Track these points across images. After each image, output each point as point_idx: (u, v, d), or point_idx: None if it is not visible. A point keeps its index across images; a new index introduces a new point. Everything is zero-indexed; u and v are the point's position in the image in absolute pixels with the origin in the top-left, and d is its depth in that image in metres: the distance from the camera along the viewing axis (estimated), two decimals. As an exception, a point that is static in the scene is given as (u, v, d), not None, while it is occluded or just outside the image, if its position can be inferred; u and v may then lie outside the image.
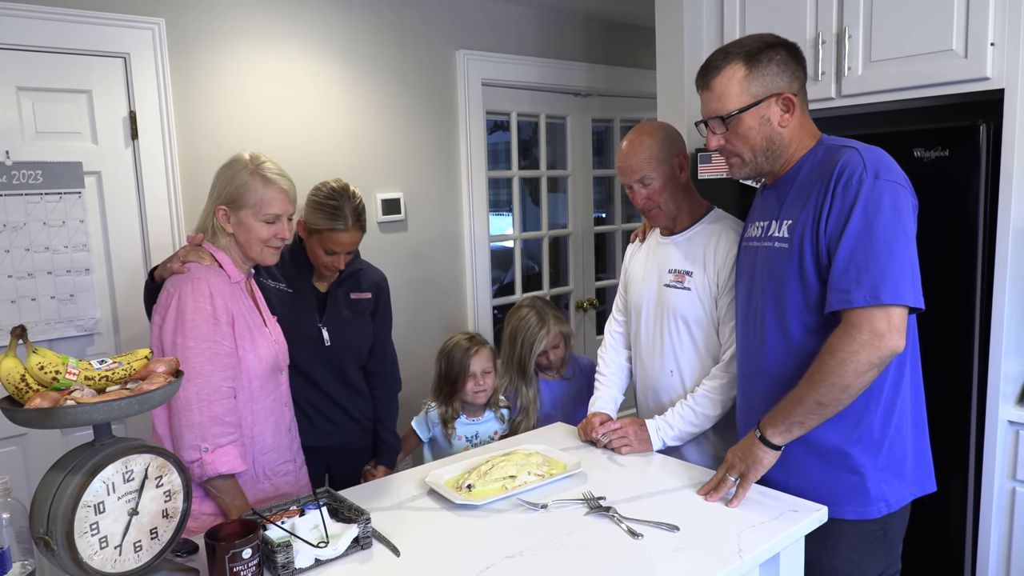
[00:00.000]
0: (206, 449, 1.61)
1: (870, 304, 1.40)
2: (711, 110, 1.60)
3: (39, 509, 1.19)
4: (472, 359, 2.43)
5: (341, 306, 2.25)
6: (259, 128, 2.82)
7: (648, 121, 2.01)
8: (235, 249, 1.77)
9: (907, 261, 1.42)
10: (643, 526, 1.50)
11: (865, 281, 1.41)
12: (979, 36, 1.98)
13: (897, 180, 1.46)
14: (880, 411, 1.55)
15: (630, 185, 1.91)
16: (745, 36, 1.63)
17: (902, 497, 1.59)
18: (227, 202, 1.73)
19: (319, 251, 2.15)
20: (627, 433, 1.90)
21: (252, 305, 1.80)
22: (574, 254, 4.14)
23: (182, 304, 1.64)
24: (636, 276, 2.10)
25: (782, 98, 1.56)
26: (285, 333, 2.11)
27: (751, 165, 1.62)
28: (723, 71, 1.57)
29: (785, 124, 1.57)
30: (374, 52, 3.13)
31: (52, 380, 1.21)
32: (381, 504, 1.66)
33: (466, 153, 3.46)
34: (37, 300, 2.39)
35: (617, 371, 2.17)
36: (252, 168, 1.74)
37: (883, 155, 1.50)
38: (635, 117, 4.31)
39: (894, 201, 1.43)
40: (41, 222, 2.38)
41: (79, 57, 2.43)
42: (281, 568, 1.35)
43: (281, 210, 1.75)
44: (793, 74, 1.57)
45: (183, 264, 1.70)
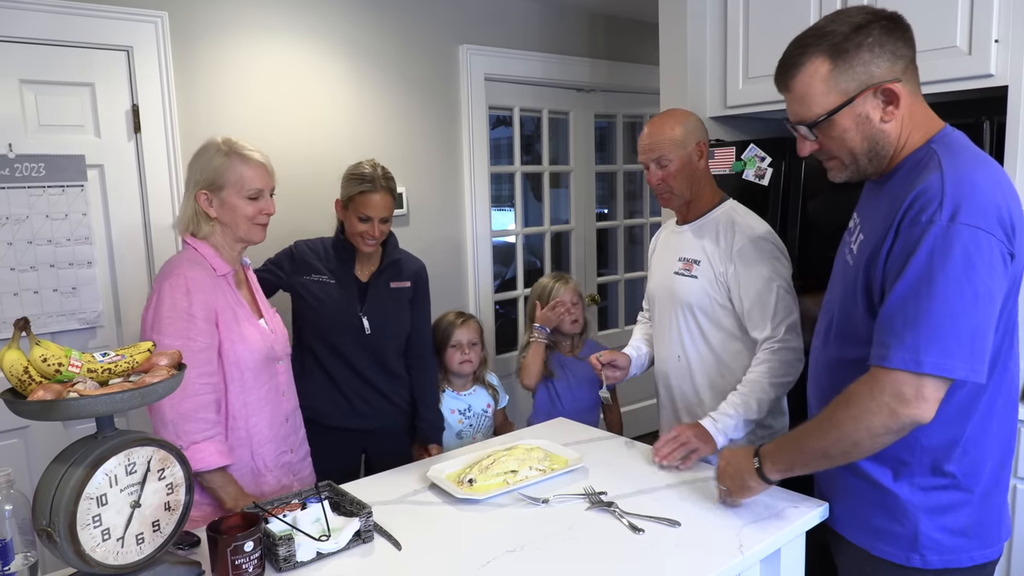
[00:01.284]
0: (181, 447, 1.56)
1: (909, 369, 1.19)
2: (795, 115, 1.36)
3: (42, 501, 1.19)
4: (458, 329, 2.53)
5: (382, 295, 2.37)
6: (262, 122, 2.82)
7: (672, 109, 2.04)
8: (220, 234, 1.77)
9: (966, 325, 1.17)
10: (644, 521, 1.50)
11: (909, 341, 1.19)
12: (983, 33, 1.98)
13: (981, 224, 1.17)
14: (956, 449, 1.32)
15: (647, 164, 1.94)
16: (830, 16, 1.34)
17: (958, 558, 1.35)
18: (207, 186, 1.73)
19: (354, 220, 2.27)
20: (688, 438, 1.78)
21: (240, 298, 1.80)
22: (576, 250, 4.14)
23: (159, 300, 1.67)
24: (653, 266, 2.17)
25: (881, 89, 1.28)
26: (326, 321, 2.31)
27: (851, 168, 1.37)
28: (803, 68, 1.31)
29: (889, 118, 1.30)
30: (377, 46, 3.12)
31: (55, 372, 1.21)
32: (383, 498, 1.66)
33: (468, 148, 3.46)
34: (40, 293, 2.40)
35: (641, 339, 2.24)
36: (226, 149, 1.75)
37: (974, 184, 1.20)
38: (638, 113, 4.30)
39: (969, 251, 1.16)
40: (44, 215, 2.38)
41: (82, 50, 2.42)
42: (283, 561, 1.35)
43: (263, 184, 1.77)
44: (893, 54, 1.27)
45: None
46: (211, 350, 1.70)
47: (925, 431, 1.30)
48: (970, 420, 1.31)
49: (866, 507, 1.41)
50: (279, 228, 2.87)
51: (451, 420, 2.51)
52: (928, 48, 2.08)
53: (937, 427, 1.28)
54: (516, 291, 3.89)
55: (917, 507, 1.35)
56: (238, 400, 1.75)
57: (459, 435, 2.50)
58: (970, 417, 1.31)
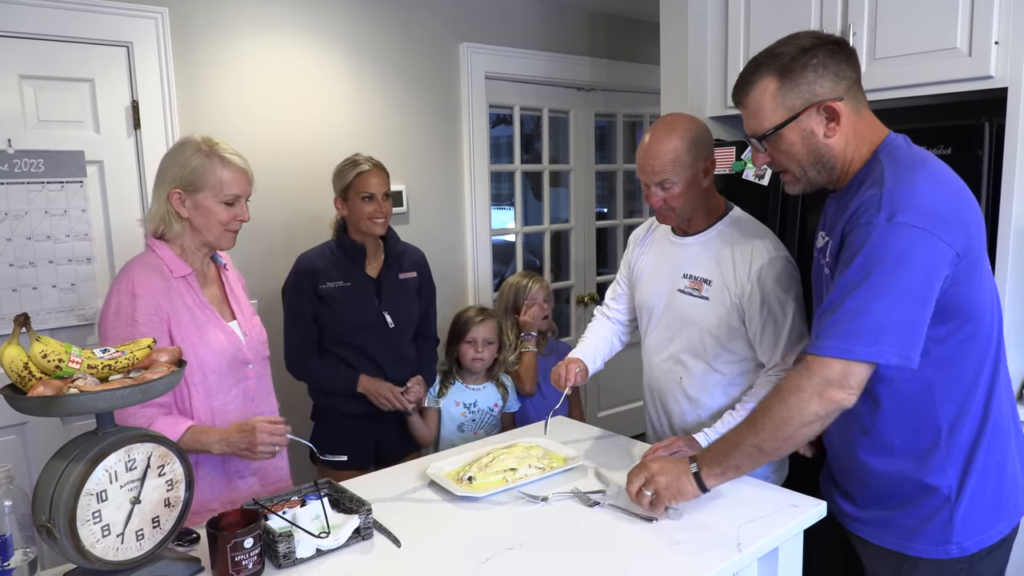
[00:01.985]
0: None
1: (842, 357, 1.28)
2: (749, 129, 1.48)
3: (42, 497, 1.19)
4: (476, 326, 2.53)
5: (395, 288, 2.43)
6: (262, 119, 2.82)
7: (676, 114, 1.84)
8: (188, 236, 1.71)
9: (898, 317, 1.26)
10: (641, 519, 1.51)
11: (842, 330, 1.28)
12: (983, 34, 1.98)
13: (916, 222, 1.26)
14: (967, 433, 1.39)
15: (647, 184, 1.80)
16: (782, 39, 1.44)
17: (988, 535, 1.41)
18: (182, 185, 1.66)
19: (358, 203, 2.33)
20: (679, 447, 1.77)
21: (203, 299, 1.71)
22: (575, 249, 4.14)
23: (106, 305, 1.63)
24: (645, 275, 2.00)
25: (824, 106, 1.38)
26: (350, 323, 2.35)
27: (803, 180, 1.47)
28: (755, 85, 1.42)
29: (832, 134, 1.40)
30: (378, 44, 3.12)
31: (55, 368, 1.21)
32: (382, 495, 1.66)
33: (469, 146, 3.46)
34: (39, 289, 2.39)
35: (602, 338, 2.11)
36: (207, 149, 1.68)
37: (913, 186, 1.29)
38: (638, 112, 4.30)
39: (902, 247, 1.25)
40: (43, 211, 2.37)
41: (82, 45, 2.42)
42: (283, 558, 1.35)
43: (241, 191, 1.71)
44: (836, 75, 1.38)
45: None
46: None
47: (948, 420, 1.37)
48: (979, 396, 1.40)
49: (895, 509, 1.45)
50: (278, 225, 2.88)
51: (454, 412, 2.52)
52: (928, 50, 2.09)
53: (959, 413, 1.38)
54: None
55: (950, 497, 1.39)
56: (203, 405, 1.67)
57: (460, 428, 2.51)
58: (979, 394, 1.39)
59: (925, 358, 1.30)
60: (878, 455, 1.45)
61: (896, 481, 1.44)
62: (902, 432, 1.42)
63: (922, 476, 1.41)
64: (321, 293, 2.36)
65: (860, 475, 1.50)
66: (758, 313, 1.78)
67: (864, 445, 1.47)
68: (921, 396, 1.39)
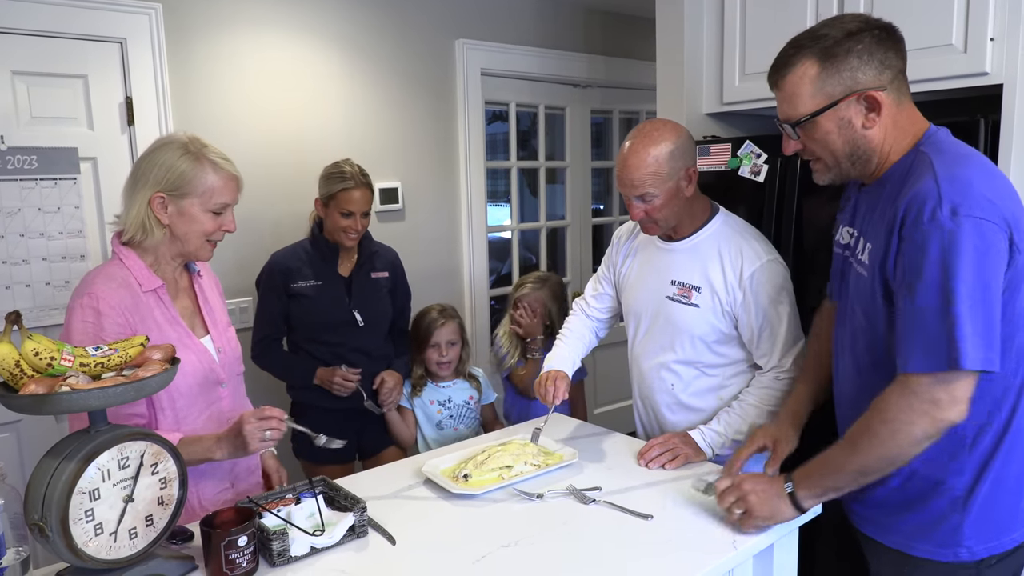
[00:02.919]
0: None
1: (941, 370, 1.21)
2: (782, 113, 1.40)
3: (34, 495, 1.18)
4: (438, 329, 2.51)
5: (366, 287, 2.47)
6: (255, 116, 2.81)
7: (656, 122, 1.78)
8: (166, 245, 1.56)
9: (986, 319, 1.19)
10: (637, 517, 1.50)
11: (936, 343, 1.20)
12: (979, 31, 1.98)
13: (981, 214, 1.19)
14: (988, 441, 1.34)
15: (628, 197, 1.76)
16: (826, 20, 1.37)
17: (1001, 542, 1.36)
18: (167, 189, 1.50)
19: (337, 217, 2.37)
20: (674, 444, 1.77)
21: (174, 315, 1.58)
22: (571, 245, 4.14)
23: (68, 322, 1.48)
24: (631, 281, 1.98)
25: (864, 96, 1.31)
26: (320, 321, 2.37)
27: (835, 171, 1.40)
28: (794, 68, 1.34)
29: (871, 125, 1.33)
30: (373, 40, 3.11)
31: (47, 366, 1.21)
32: (377, 493, 1.66)
33: (464, 143, 3.45)
34: (32, 286, 2.38)
35: (579, 337, 2.09)
36: (196, 152, 1.53)
37: (969, 179, 1.23)
38: (634, 109, 4.30)
39: (977, 243, 1.18)
40: (36, 208, 2.36)
41: (75, 42, 2.41)
42: (277, 556, 1.35)
43: (231, 199, 1.57)
44: (882, 63, 1.31)
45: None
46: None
47: (973, 429, 1.32)
48: (1007, 405, 1.34)
49: (904, 509, 1.40)
50: (268, 222, 2.87)
51: (431, 411, 2.52)
52: (924, 46, 2.08)
53: (984, 423, 1.32)
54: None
55: (960, 499, 1.34)
56: (171, 431, 1.52)
57: (439, 426, 2.51)
58: (1008, 403, 1.33)
59: None
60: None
61: (904, 478, 1.39)
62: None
63: (933, 475, 1.36)
64: (293, 291, 2.40)
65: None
66: (753, 319, 1.77)
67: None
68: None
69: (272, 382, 2.51)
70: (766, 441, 1.63)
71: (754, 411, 1.77)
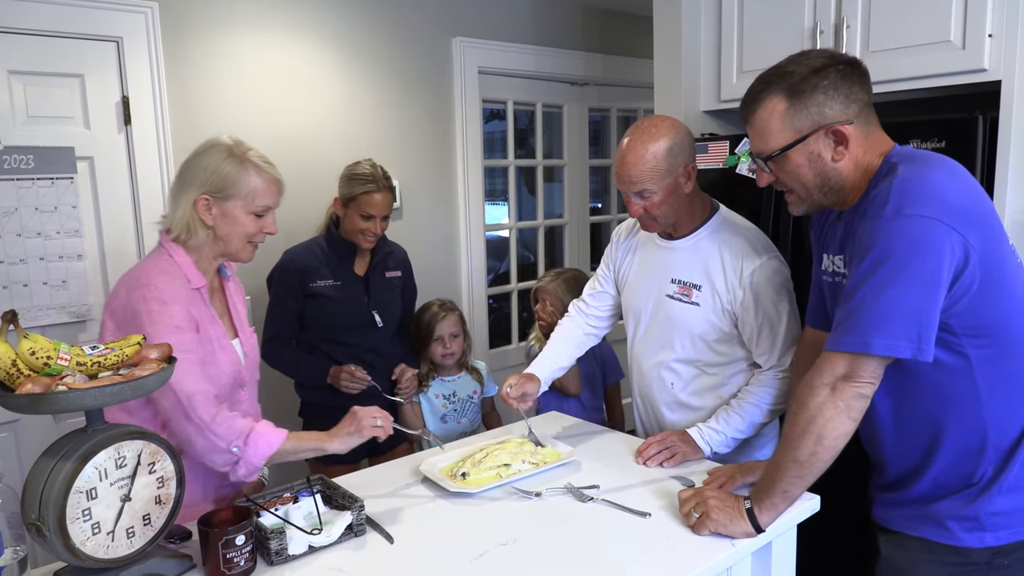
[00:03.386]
0: (237, 448, 1.49)
1: (858, 352, 1.27)
2: (754, 147, 1.45)
3: (31, 495, 1.18)
4: (440, 323, 2.53)
5: (382, 287, 2.46)
6: (253, 115, 2.80)
7: (655, 118, 1.76)
8: (208, 246, 1.60)
9: (909, 307, 1.24)
10: (635, 515, 1.50)
11: (855, 325, 1.27)
12: (977, 27, 1.98)
13: (925, 213, 1.23)
14: (1013, 431, 1.35)
15: (626, 193, 1.76)
16: (793, 57, 1.41)
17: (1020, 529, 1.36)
18: (211, 191, 1.56)
19: (356, 218, 2.34)
20: (672, 442, 1.77)
21: (213, 314, 1.62)
22: (570, 244, 4.14)
23: (138, 316, 1.47)
24: (630, 279, 1.97)
25: (832, 130, 1.35)
26: (340, 322, 2.36)
27: (808, 202, 1.45)
28: (763, 104, 1.39)
29: (839, 158, 1.37)
30: (370, 38, 3.10)
31: (43, 366, 1.20)
32: (375, 492, 1.66)
33: (462, 141, 3.44)
34: (29, 286, 2.38)
35: (566, 339, 2.07)
36: (240, 155, 1.58)
37: (924, 179, 1.28)
38: (632, 107, 4.29)
39: (912, 239, 1.23)
40: (33, 207, 2.36)
41: (71, 41, 2.40)
42: (274, 554, 1.34)
43: (273, 202, 1.62)
44: (848, 97, 1.35)
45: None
46: (206, 359, 1.54)
47: (991, 416, 1.33)
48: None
49: (935, 501, 1.40)
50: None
51: (436, 405, 2.54)
52: (922, 43, 2.09)
53: (1005, 409, 1.33)
54: (510, 285, 3.89)
55: (989, 487, 1.35)
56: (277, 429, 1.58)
57: (443, 419, 2.52)
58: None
59: (969, 355, 1.30)
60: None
61: (935, 474, 1.39)
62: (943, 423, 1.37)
63: (961, 467, 1.37)
64: (310, 291, 2.37)
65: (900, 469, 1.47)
66: (753, 318, 1.76)
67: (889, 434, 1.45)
68: (965, 388, 1.34)
69: (277, 384, 2.50)
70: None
71: (753, 410, 1.77)
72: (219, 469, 1.51)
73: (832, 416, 1.30)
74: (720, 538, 1.41)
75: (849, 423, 1.31)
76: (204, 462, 1.51)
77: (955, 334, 1.30)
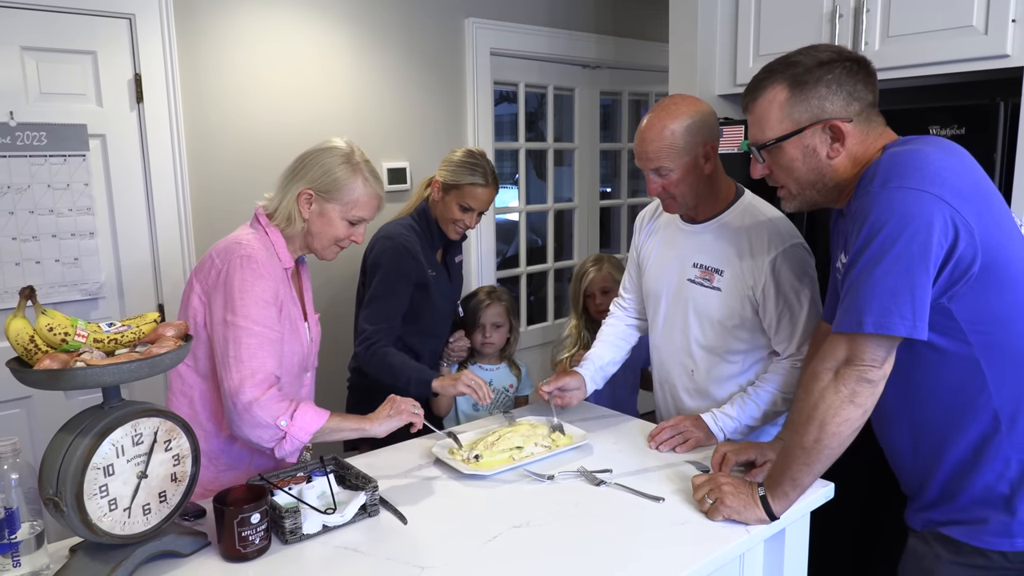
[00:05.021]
0: (284, 423, 1.51)
1: (852, 331, 1.25)
2: (751, 136, 1.43)
3: (48, 470, 1.18)
4: (483, 311, 2.51)
5: (457, 277, 2.40)
6: (265, 94, 2.79)
7: (677, 97, 1.75)
8: (299, 237, 1.66)
9: (903, 283, 1.21)
10: (648, 499, 1.50)
11: (851, 304, 1.25)
12: (1000, 12, 1.95)
13: (914, 185, 1.21)
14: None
15: (645, 171, 1.75)
16: (802, 48, 1.39)
17: None
18: (317, 188, 1.62)
19: (455, 208, 2.22)
20: (685, 427, 1.77)
21: (294, 296, 1.68)
22: (579, 228, 4.12)
23: (230, 283, 1.53)
24: (651, 262, 1.95)
25: (829, 125, 1.33)
26: (439, 314, 2.29)
27: (799, 198, 1.43)
28: (765, 92, 1.38)
29: (835, 155, 1.35)
30: (382, 19, 3.08)
31: (61, 342, 1.20)
32: (388, 472, 1.66)
33: (473, 124, 3.42)
34: (41, 263, 2.38)
35: (615, 334, 2.07)
36: (353, 163, 1.64)
37: (913, 153, 1.26)
38: (644, 91, 4.26)
39: (901, 212, 1.21)
40: (45, 184, 2.35)
41: (84, 17, 2.38)
42: (289, 533, 1.35)
43: (369, 215, 1.68)
44: (851, 95, 1.33)
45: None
46: (281, 343, 1.59)
47: (1003, 406, 1.28)
48: None
49: (966, 501, 1.35)
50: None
51: None
52: (944, 27, 2.06)
53: (1016, 400, 1.28)
54: (518, 268, 3.88)
55: (1020, 484, 1.30)
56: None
57: (475, 406, 2.48)
58: None
59: (972, 338, 1.26)
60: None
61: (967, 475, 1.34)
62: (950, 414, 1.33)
63: (983, 465, 1.32)
64: (422, 280, 2.20)
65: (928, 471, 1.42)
66: (774, 304, 1.73)
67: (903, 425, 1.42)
68: (970, 377, 1.30)
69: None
70: (756, 455, 1.61)
71: (769, 397, 1.75)
72: (266, 445, 1.53)
73: (833, 402, 1.28)
74: (734, 524, 1.41)
75: (853, 409, 1.28)
76: (251, 439, 1.52)
77: (955, 319, 1.27)
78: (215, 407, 1.62)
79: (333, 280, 2.97)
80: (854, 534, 2.27)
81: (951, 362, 1.30)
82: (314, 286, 2.79)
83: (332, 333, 2.94)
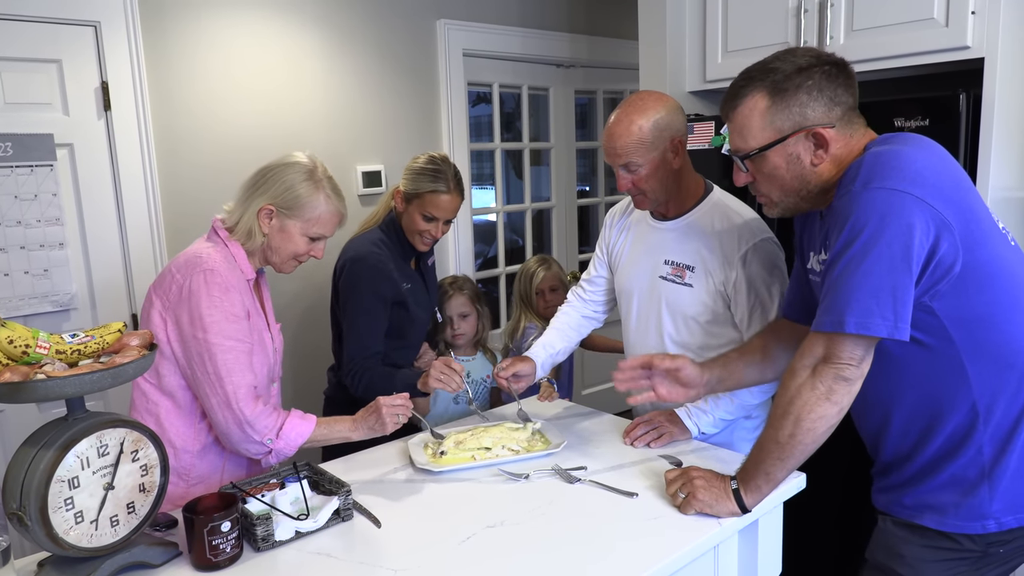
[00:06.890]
0: (270, 440, 1.56)
1: (833, 331, 1.25)
2: (733, 145, 1.41)
3: (12, 484, 1.17)
4: (447, 303, 2.49)
5: (432, 281, 2.35)
6: (235, 99, 2.77)
7: (644, 93, 1.76)
8: (259, 252, 1.65)
9: (884, 283, 1.21)
10: (622, 494, 1.51)
11: (830, 307, 1.25)
12: (960, 5, 1.97)
13: (896, 186, 1.20)
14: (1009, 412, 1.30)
15: (614, 166, 1.76)
16: (779, 53, 1.38)
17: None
18: (277, 204, 1.60)
19: (418, 218, 2.11)
20: (660, 422, 1.79)
21: (258, 307, 1.68)
22: (557, 227, 4.13)
23: (197, 300, 1.51)
24: (624, 260, 1.96)
25: (812, 133, 1.32)
26: (419, 326, 2.24)
27: (782, 205, 1.42)
28: (744, 100, 1.36)
29: (819, 161, 1.34)
30: (353, 21, 3.07)
31: (22, 354, 1.19)
32: (362, 476, 1.66)
33: (448, 125, 3.42)
34: (10, 275, 2.35)
35: (568, 324, 2.07)
36: (316, 179, 1.62)
37: (894, 154, 1.25)
38: (619, 89, 4.27)
39: (882, 213, 1.20)
40: (12, 195, 2.33)
41: (48, 25, 2.36)
42: (261, 540, 1.34)
43: (329, 232, 1.67)
44: (831, 100, 1.32)
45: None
46: (253, 352, 1.60)
47: (980, 396, 1.29)
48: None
49: (933, 485, 1.37)
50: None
51: None
52: (905, 20, 2.08)
53: (994, 391, 1.30)
54: (498, 269, 3.88)
55: (990, 470, 1.31)
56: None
57: (455, 399, 2.48)
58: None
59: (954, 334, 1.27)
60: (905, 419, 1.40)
61: (930, 454, 1.37)
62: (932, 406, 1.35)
63: (955, 450, 1.33)
64: (399, 298, 2.12)
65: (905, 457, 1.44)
66: (745, 299, 1.75)
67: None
68: (952, 370, 1.31)
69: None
70: (670, 363, 1.58)
71: (743, 391, 1.75)
72: (251, 456, 1.59)
73: (809, 398, 1.28)
74: (707, 517, 1.42)
75: (829, 406, 1.28)
76: (238, 450, 1.58)
77: (937, 317, 1.28)
78: (182, 424, 1.61)
79: (308, 287, 2.96)
80: (835, 525, 2.29)
81: (934, 356, 1.31)
82: (290, 292, 2.83)
83: (311, 339, 2.94)
